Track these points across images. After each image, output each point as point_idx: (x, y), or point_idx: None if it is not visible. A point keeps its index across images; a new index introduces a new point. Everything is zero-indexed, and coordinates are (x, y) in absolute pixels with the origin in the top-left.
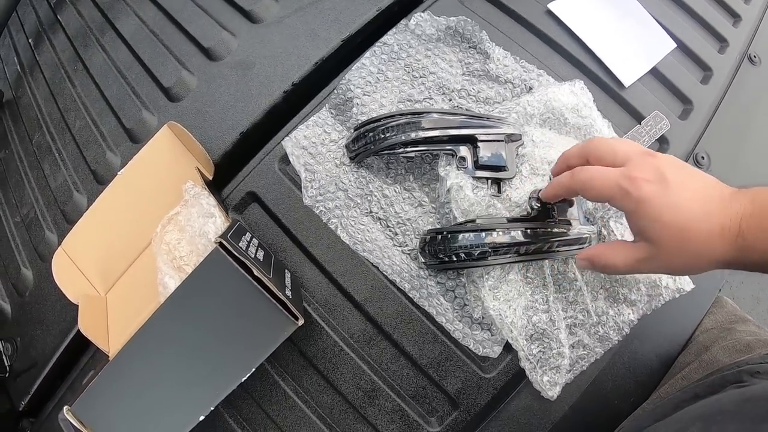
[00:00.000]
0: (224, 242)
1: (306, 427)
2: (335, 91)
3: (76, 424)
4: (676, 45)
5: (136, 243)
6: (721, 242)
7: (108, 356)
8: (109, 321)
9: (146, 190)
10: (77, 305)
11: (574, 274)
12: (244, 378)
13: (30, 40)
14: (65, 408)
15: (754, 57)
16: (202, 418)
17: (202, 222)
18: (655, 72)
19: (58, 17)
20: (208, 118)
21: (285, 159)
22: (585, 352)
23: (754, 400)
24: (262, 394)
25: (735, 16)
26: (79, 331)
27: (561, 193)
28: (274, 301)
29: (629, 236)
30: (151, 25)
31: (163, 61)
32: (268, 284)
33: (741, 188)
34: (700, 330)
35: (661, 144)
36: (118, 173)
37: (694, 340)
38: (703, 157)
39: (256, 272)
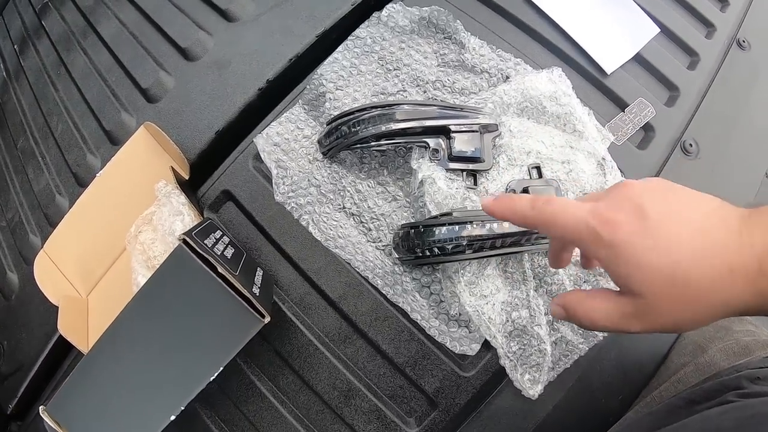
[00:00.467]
0: (188, 239)
1: (282, 427)
2: (308, 86)
3: (51, 424)
4: (659, 30)
5: (116, 244)
6: (733, 285)
7: None
8: (90, 322)
9: (124, 191)
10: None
11: None
12: (213, 377)
13: (15, 47)
14: (41, 408)
15: (743, 42)
16: (173, 417)
17: (172, 221)
18: (638, 58)
19: (43, 23)
20: (185, 118)
21: (259, 157)
22: (569, 349)
23: (758, 418)
24: (239, 394)
25: (722, 1)
26: None
27: (516, 221)
28: (239, 299)
29: None
30: (131, 27)
31: (141, 63)
32: (233, 281)
33: (755, 209)
34: None
35: (647, 132)
36: (97, 175)
37: (687, 336)
38: (691, 145)
39: (220, 269)
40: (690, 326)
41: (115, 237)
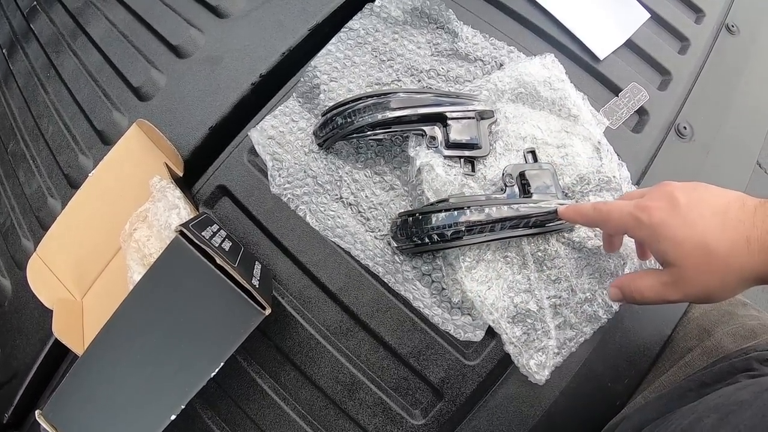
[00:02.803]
0: (185, 230)
1: (286, 425)
2: (302, 79)
3: (49, 429)
4: (650, 15)
5: (110, 244)
6: (750, 254)
7: None
8: (85, 325)
9: (117, 190)
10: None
11: (555, 251)
12: (214, 372)
13: (4, 51)
14: (37, 412)
15: (732, 26)
16: (173, 417)
17: (168, 215)
18: (630, 44)
19: (31, 26)
20: (178, 115)
21: (254, 151)
22: (573, 333)
23: None
24: (240, 392)
25: None
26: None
27: (580, 222)
28: (239, 290)
29: None
30: (121, 27)
31: (132, 62)
32: (232, 273)
33: None
34: (697, 309)
35: (641, 116)
36: (89, 175)
37: (692, 320)
38: (685, 127)
39: (218, 260)
40: (718, 293)
41: (109, 237)
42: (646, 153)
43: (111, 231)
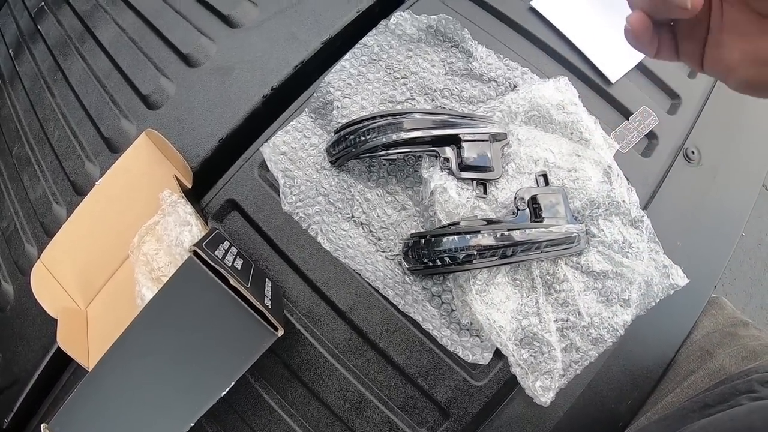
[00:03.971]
0: (198, 250)
1: None
2: (315, 94)
3: None
4: None
5: (116, 255)
6: None
7: (88, 371)
8: (90, 335)
9: (125, 200)
10: (57, 319)
11: (564, 275)
12: (225, 392)
13: (10, 51)
14: (42, 426)
15: None
16: None
17: (179, 231)
18: (641, 67)
19: (39, 27)
20: (187, 126)
21: (265, 165)
22: (578, 356)
23: None
24: (246, 408)
25: None
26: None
27: None
28: (252, 312)
29: (618, 235)
30: (131, 33)
31: (141, 69)
32: (245, 294)
33: None
34: (699, 331)
35: (650, 140)
36: (96, 183)
37: (694, 342)
38: (693, 152)
39: (232, 281)
40: None
41: (115, 247)
42: (655, 177)
43: (117, 241)
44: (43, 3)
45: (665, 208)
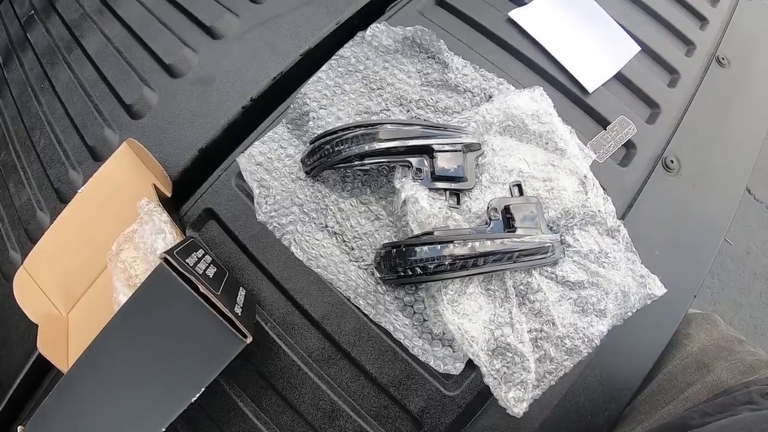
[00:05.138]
0: (169, 257)
1: None
2: (291, 105)
3: None
4: (640, 48)
5: (97, 261)
6: None
7: None
8: (70, 341)
9: (106, 208)
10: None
11: (538, 285)
12: (195, 398)
13: (0, 59)
14: (19, 428)
15: (723, 59)
16: None
17: (154, 239)
18: (620, 77)
19: (28, 35)
20: (168, 135)
21: (242, 175)
22: (553, 366)
23: None
24: (221, 415)
25: (702, 19)
26: None
27: None
28: (221, 318)
29: (594, 245)
30: (116, 43)
31: (126, 79)
32: (215, 301)
33: None
34: (695, 344)
35: (628, 149)
36: (78, 192)
37: (690, 354)
38: (672, 161)
39: (202, 288)
40: None
41: (97, 254)
42: (632, 187)
43: (98, 248)
44: (33, 11)
45: (643, 218)
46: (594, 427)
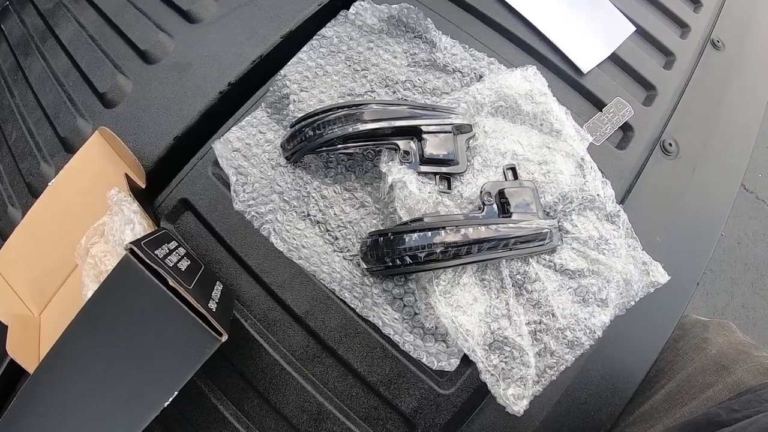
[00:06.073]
0: (135, 248)
1: None
2: (271, 88)
3: None
4: (635, 29)
5: (69, 258)
6: None
7: None
8: (42, 343)
9: (77, 201)
10: None
11: (536, 274)
12: (168, 401)
13: None
14: None
15: (718, 42)
16: None
17: (123, 230)
18: (614, 58)
19: (2, 27)
20: (143, 123)
21: (219, 162)
22: (553, 360)
23: None
24: (200, 420)
25: (695, 2)
26: None
27: None
28: (193, 314)
29: (594, 231)
30: (90, 30)
31: (99, 66)
32: (186, 296)
33: None
34: (713, 347)
35: (626, 131)
36: (49, 185)
37: (708, 357)
38: (671, 144)
39: (171, 282)
40: None
41: (69, 251)
42: (631, 170)
43: (70, 244)
44: (8, 2)
45: (643, 203)
46: (596, 424)
